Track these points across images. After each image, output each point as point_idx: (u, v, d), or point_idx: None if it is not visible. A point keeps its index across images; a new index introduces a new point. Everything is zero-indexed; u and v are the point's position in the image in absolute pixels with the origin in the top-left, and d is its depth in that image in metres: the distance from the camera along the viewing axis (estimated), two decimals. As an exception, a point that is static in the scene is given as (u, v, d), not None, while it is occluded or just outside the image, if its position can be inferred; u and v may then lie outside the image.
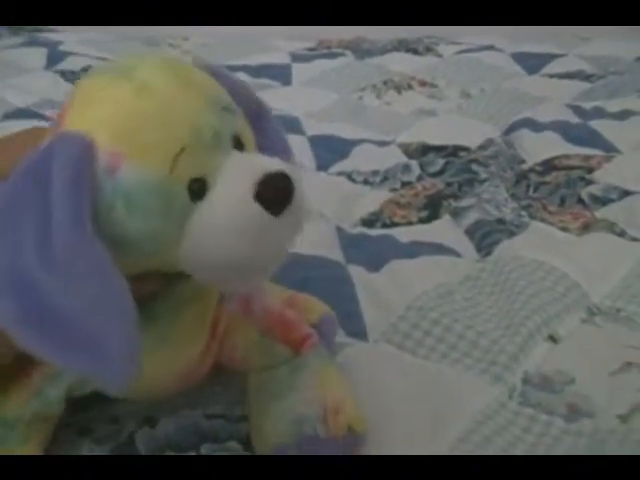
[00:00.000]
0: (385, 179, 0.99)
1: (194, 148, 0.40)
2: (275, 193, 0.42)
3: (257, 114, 0.50)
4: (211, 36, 1.68)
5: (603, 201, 0.91)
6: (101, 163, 0.39)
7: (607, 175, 0.97)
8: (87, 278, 0.38)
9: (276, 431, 0.50)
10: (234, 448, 0.53)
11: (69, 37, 1.63)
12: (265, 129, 0.51)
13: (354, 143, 1.10)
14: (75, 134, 0.39)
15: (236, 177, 0.42)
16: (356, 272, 0.76)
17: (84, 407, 0.55)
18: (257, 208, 0.41)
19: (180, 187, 0.40)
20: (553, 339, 0.66)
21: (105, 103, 0.40)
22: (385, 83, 1.37)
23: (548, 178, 0.98)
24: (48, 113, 1.13)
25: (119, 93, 0.40)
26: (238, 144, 0.44)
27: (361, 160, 1.05)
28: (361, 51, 1.57)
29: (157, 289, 0.47)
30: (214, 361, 0.54)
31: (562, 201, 0.92)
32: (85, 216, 0.38)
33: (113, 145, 0.39)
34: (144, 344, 0.40)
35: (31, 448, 0.48)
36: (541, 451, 0.54)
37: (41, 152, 0.39)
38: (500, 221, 0.86)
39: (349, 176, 1.00)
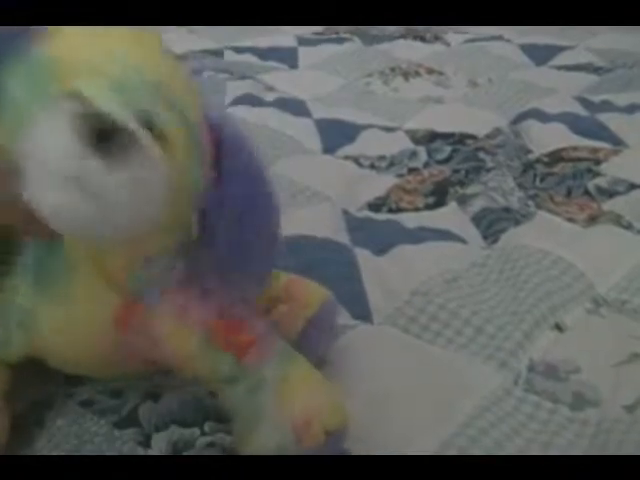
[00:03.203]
0: (391, 164, 0.99)
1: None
2: (95, 127, 0.38)
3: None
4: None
5: (610, 193, 0.91)
6: None
7: (614, 168, 0.97)
8: None
9: None
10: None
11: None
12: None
13: (361, 128, 1.09)
14: None
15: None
16: (362, 255, 0.75)
17: (87, 379, 0.54)
18: (74, 140, 0.37)
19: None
20: (559, 328, 0.66)
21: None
22: (392, 70, 1.36)
23: (555, 169, 0.97)
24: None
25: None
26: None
27: (368, 145, 1.04)
28: (368, 37, 1.55)
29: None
30: (146, 358, 0.50)
31: (569, 192, 0.92)
32: None
33: None
34: (45, 305, 0.47)
35: None
36: (545, 438, 0.53)
37: None
38: (506, 210, 0.86)
39: (356, 160, 1.00)
